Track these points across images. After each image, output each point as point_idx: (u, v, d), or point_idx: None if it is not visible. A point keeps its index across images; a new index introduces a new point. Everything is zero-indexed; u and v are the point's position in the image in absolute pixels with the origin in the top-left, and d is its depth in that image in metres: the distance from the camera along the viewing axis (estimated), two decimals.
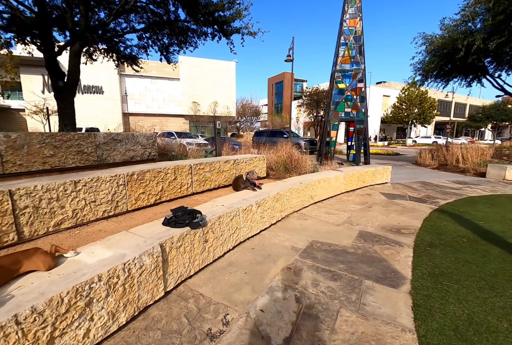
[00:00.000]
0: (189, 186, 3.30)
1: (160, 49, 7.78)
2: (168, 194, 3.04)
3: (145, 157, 3.71)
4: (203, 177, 3.50)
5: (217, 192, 3.70)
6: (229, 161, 3.93)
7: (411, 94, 34.06)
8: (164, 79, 30.26)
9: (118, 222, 2.43)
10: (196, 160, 3.76)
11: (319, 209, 4.27)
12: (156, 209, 2.84)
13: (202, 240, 2.21)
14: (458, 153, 10.39)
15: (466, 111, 49.19)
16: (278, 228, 3.36)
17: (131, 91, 29.21)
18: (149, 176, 2.78)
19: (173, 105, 30.57)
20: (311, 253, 2.72)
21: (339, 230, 3.38)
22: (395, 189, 6.02)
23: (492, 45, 7.62)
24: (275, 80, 51.81)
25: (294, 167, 5.22)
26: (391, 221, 3.81)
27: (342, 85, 10.18)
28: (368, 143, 10.19)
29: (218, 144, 4.67)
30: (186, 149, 6.67)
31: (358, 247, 2.90)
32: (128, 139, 3.45)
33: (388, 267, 2.50)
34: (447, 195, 5.64)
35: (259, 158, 4.55)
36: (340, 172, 5.36)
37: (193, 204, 3.06)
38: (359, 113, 10.00)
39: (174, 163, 3.32)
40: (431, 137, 38.51)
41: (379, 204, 4.70)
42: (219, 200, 2.97)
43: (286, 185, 3.83)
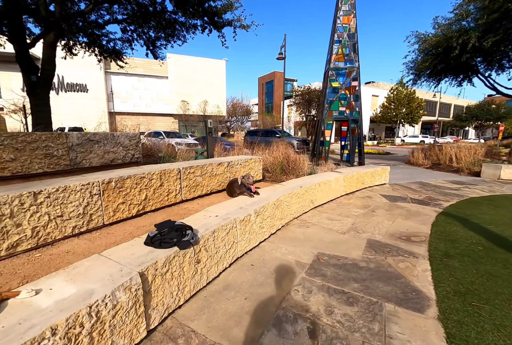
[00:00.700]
0: (178, 193, 2.91)
1: (146, 43, 7.30)
2: (154, 203, 2.65)
3: (128, 160, 3.29)
4: (193, 182, 3.11)
5: (210, 199, 3.32)
6: (223, 164, 3.56)
7: (400, 94, 34.49)
8: (152, 77, 29.45)
9: (92, 239, 2.02)
10: (186, 163, 3.37)
11: (320, 214, 3.95)
12: (139, 222, 2.44)
13: (194, 261, 1.83)
14: (451, 153, 10.35)
15: (451, 111, 50.37)
16: (278, 238, 3.02)
17: (117, 89, 28.26)
18: (130, 183, 2.38)
19: (161, 104, 29.80)
20: (319, 269, 2.38)
21: (345, 239, 3.07)
22: (394, 191, 5.79)
23: (488, 43, 7.52)
24: (265, 79, 51.50)
25: (291, 168, 4.89)
26: (398, 227, 3.54)
27: (336, 83, 9.94)
28: (363, 143, 10.00)
29: (209, 145, 4.26)
30: (175, 150, 6.25)
31: (370, 260, 2.59)
32: (107, 139, 3.02)
33: (407, 284, 2.20)
34: (448, 196, 5.46)
35: (254, 160, 4.20)
36: (339, 173, 5.07)
37: (182, 214, 2.68)
38: (354, 112, 9.80)
39: (161, 167, 2.92)
40: (419, 136, 39.21)
41: (382, 208, 4.43)
42: (213, 209, 2.60)
43: (285, 190, 3.49)
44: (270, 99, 49.96)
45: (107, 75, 27.89)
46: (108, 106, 27.64)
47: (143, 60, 28.35)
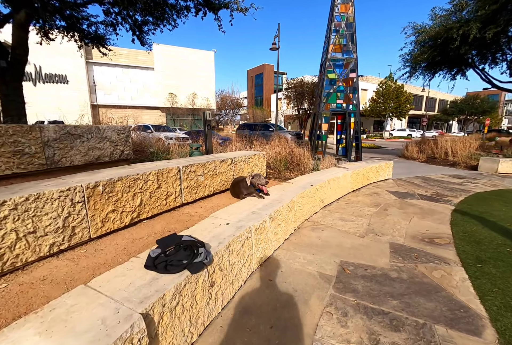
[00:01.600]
0: (178, 196, 2.50)
1: (132, 27, 6.66)
2: (150, 208, 2.24)
3: (116, 157, 2.84)
4: (195, 183, 2.71)
5: (213, 201, 2.93)
6: (226, 161, 3.16)
7: (389, 88, 34.68)
8: (137, 68, 28.21)
9: (76, 259, 1.61)
10: (185, 160, 2.95)
11: (331, 214, 3.64)
12: (134, 233, 2.03)
13: (207, 285, 1.46)
14: (447, 146, 10.30)
15: (436, 105, 51.32)
16: (293, 244, 2.68)
17: (100, 80, 26.90)
18: (122, 187, 1.96)
19: (147, 96, 28.67)
20: (348, 282, 2.07)
21: (366, 244, 2.77)
22: (400, 186, 5.57)
23: (489, 34, 7.33)
24: (254, 72, 50.57)
25: (296, 165, 4.55)
26: (417, 228, 3.28)
27: (332, 75, 9.59)
28: (360, 137, 9.77)
29: (208, 139, 3.83)
30: (166, 145, 5.77)
31: (400, 269, 2.29)
32: (92, 133, 2.56)
33: (450, 299, 1.91)
34: (454, 191, 5.30)
35: (258, 156, 3.81)
36: (345, 169, 4.77)
37: (185, 221, 2.28)
38: (351, 105, 9.52)
39: (157, 166, 2.49)
40: (406, 130, 39.79)
41: (393, 206, 4.17)
42: (221, 214, 2.22)
43: (296, 189, 3.15)
44: (259, 93, 49.23)
45: (89, 66, 26.49)
46: (91, 99, 26.31)
47: (127, 50, 27.04)
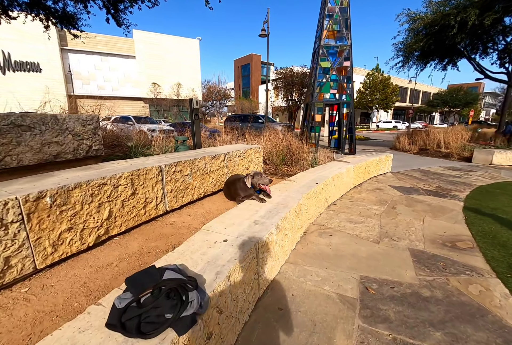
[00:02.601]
0: (160, 202, 2.01)
1: (106, 4, 5.88)
2: (123, 221, 1.74)
3: (82, 154, 2.29)
4: (181, 185, 2.22)
5: (204, 205, 2.45)
6: (218, 157, 2.67)
7: (376, 80, 34.69)
8: (117, 56, 26.59)
9: (9, 308, 1.11)
10: (169, 157, 2.43)
11: (337, 215, 3.25)
12: (100, 255, 1.53)
13: (203, 341, 1.01)
14: (440, 138, 10.17)
15: (420, 97, 52.04)
16: (301, 256, 2.26)
17: (77, 69, 25.20)
18: (81, 196, 1.45)
19: (129, 86, 27.21)
20: (376, 307, 1.68)
21: (383, 252, 2.40)
22: (401, 181, 5.27)
23: (488, 21, 7.05)
24: (241, 62, 49.24)
25: (294, 159, 4.11)
26: (433, 229, 2.95)
27: (325, 63, 9.11)
28: (354, 128, 9.44)
29: (196, 131, 3.27)
30: (148, 138, 5.19)
31: (431, 285, 1.93)
32: (46, 124, 2.00)
33: (501, 325, 1.56)
34: (457, 185, 5.07)
35: (254, 150, 3.34)
36: (347, 163, 4.39)
37: (169, 236, 1.80)
38: (345, 95, 9.11)
39: (132, 165, 1.98)
40: (392, 122, 40.18)
41: (400, 203, 3.84)
42: (215, 226, 1.76)
43: (300, 188, 2.72)
44: (247, 84, 48.16)
45: (63, 53, 24.71)
46: (67, 89, 24.66)
47: (105, 36, 25.41)
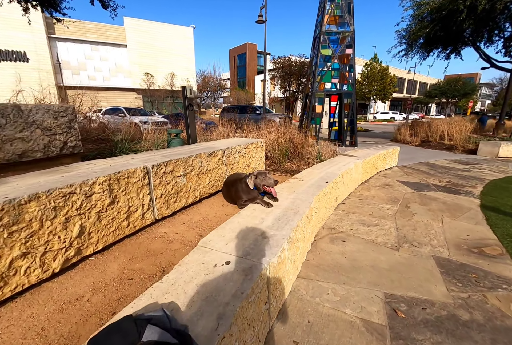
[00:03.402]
0: (148, 210, 1.68)
1: None
2: (100, 237, 1.41)
3: (55, 152, 1.93)
4: (173, 188, 1.88)
5: (201, 210, 2.12)
6: (216, 153, 2.32)
7: (374, 70, 34.06)
8: (108, 45, 25.53)
9: None
10: (158, 154, 2.08)
11: (347, 216, 2.96)
12: (68, 284, 1.21)
13: None
14: (443, 129, 9.88)
15: (417, 88, 51.43)
16: (313, 268, 1.97)
17: (66, 59, 24.19)
18: (39, 211, 1.10)
19: (121, 76, 26.29)
20: (409, 337, 1.39)
21: (406, 262, 2.11)
22: (409, 176, 4.99)
23: (500, 5, 6.64)
24: (237, 51, 47.94)
25: (298, 154, 3.78)
26: (455, 232, 2.68)
27: (326, 51, 8.64)
28: (356, 120, 9.08)
29: (191, 124, 2.87)
30: (140, 131, 4.80)
31: (468, 304, 1.65)
32: (7, 117, 1.63)
33: None
34: (467, 180, 4.82)
35: (256, 145, 2.99)
36: (354, 158, 4.07)
37: (158, 255, 1.47)
38: (347, 84, 8.69)
39: (111, 167, 1.63)
40: (389, 113, 39.80)
41: (413, 201, 3.56)
42: (214, 240, 1.44)
43: (309, 189, 2.40)
44: (242, 74, 47.08)
45: (51, 41, 23.62)
46: (56, 79, 23.71)
47: (94, 24, 24.33)
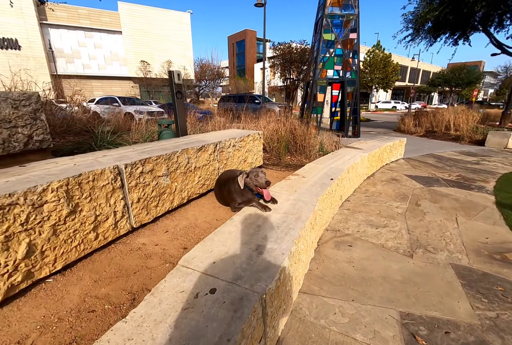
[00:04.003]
0: (122, 217, 1.41)
1: None
2: (59, 254, 1.15)
3: (17, 148, 1.65)
4: (153, 190, 1.61)
5: (188, 214, 1.86)
6: (206, 147, 2.04)
7: (376, 57, 33.04)
8: (102, 31, 24.62)
9: None
10: (136, 150, 1.80)
11: (353, 216, 2.71)
12: (12, 319, 0.94)
13: None
14: (449, 119, 9.52)
15: (420, 76, 50.13)
16: (317, 280, 1.73)
17: (59, 46, 23.39)
18: None
19: (116, 65, 25.52)
20: None
21: (422, 271, 1.87)
22: (416, 169, 4.71)
23: None
24: (235, 38, 46.51)
25: (299, 146, 3.49)
26: (472, 234, 2.43)
27: (329, 35, 8.15)
28: (359, 109, 8.70)
29: (180, 114, 2.54)
30: (133, 121, 4.48)
31: (497, 326, 1.42)
32: None
33: None
34: (478, 174, 4.55)
35: (253, 137, 2.69)
36: (360, 151, 3.79)
37: (131, 275, 1.22)
38: (350, 71, 8.25)
39: (73, 167, 1.34)
40: (391, 102, 38.98)
41: (423, 197, 3.31)
42: (198, 256, 1.19)
43: (312, 188, 2.13)
44: (241, 62, 45.89)
45: (43, 28, 22.75)
46: (50, 68, 22.98)
47: (88, 9, 23.36)
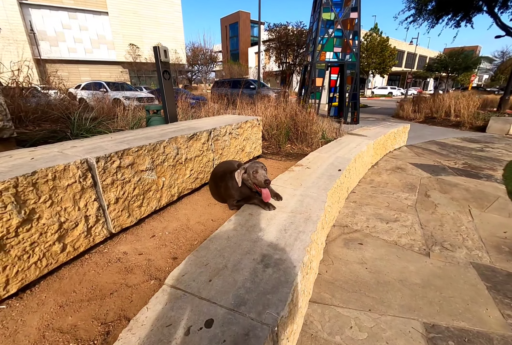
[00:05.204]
0: (95, 223, 1.15)
1: None
2: (12, 274, 0.89)
3: None
4: (136, 187, 1.35)
5: (178, 214, 1.61)
6: (199, 135, 1.76)
7: (374, 41, 32.03)
8: (87, 12, 23.19)
9: None
10: (114, 140, 1.51)
11: (360, 209, 2.50)
12: None
13: None
14: (450, 104, 9.27)
15: (416, 61, 49.15)
16: (327, 286, 1.53)
17: (42, 28, 22.02)
18: None
19: (104, 48, 24.28)
20: None
21: (441, 272, 1.69)
22: (420, 156, 4.51)
23: None
24: (228, 21, 44.55)
25: (301, 134, 3.23)
26: (488, 228, 2.26)
27: (328, 15, 7.66)
28: (359, 94, 8.36)
29: (168, 98, 2.19)
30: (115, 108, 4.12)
31: None
32: None
33: None
34: (484, 161, 4.40)
35: (251, 123, 2.41)
36: (364, 138, 3.55)
37: (106, 295, 0.98)
38: (350, 54, 7.83)
39: (30, 163, 1.07)
40: (387, 88, 38.35)
41: (432, 188, 3.12)
42: (190, 272, 0.96)
43: (319, 180, 1.90)
44: (235, 46, 44.28)
45: (23, 8, 21.34)
46: (33, 51, 21.71)
47: None
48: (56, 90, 4.19)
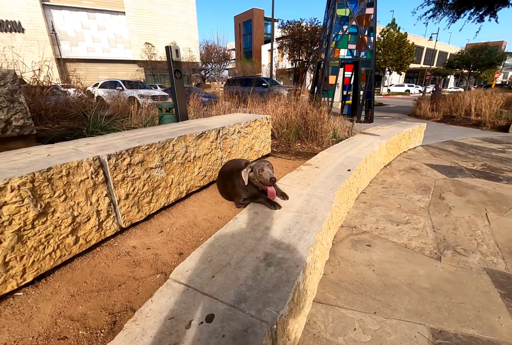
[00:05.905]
0: (106, 217, 1.20)
1: None
2: (29, 264, 0.95)
3: None
4: (145, 184, 1.39)
5: (186, 210, 1.65)
6: (208, 134, 1.79)
7: (391, 37, 31.08)
8: (105, 12, 23.78)
9: None
10: (126, 137, 1.56)
11: (370, 210, 2.46)
12: None
13: None
14: (470, 103, 8.90)
15: (436, 58, 47.30)
16: (332, 286, 1.52)
17: (62, 28, 22.78)
18: None
19: (121, 47, 24.86)
20: None
21: (453, 278, 1.64)
22: (436, 157, 4.37)
23: None
24: (242, 18, 44.49)
25: (311, 132, 3.20)
26: (505, 233, 2.17)
27: (343, 11, 7.51)
28: (374, 93, 8.17)
29: (179, 96, 2.23)
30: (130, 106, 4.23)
31: None
32: None
33: None
34: (505, 163, 4.21)
35: (260, 122, 2.42)
36: (377, 137, 3.48)
37: (115, 286, 1.03)
38: (365, 51, 7.64)
39: (45, 159, 1.13)
40: (404, 85, 37.18)
41: (447, 190, 3.02)
42: (194, 267, 0.99)
43: (327, 180, 1.89)
44: (248, 43, 44.20)
45: (46, 9, 22.10)
46: (54, 51, 22.50)
47: None
48: (75, 88, 4.36)
